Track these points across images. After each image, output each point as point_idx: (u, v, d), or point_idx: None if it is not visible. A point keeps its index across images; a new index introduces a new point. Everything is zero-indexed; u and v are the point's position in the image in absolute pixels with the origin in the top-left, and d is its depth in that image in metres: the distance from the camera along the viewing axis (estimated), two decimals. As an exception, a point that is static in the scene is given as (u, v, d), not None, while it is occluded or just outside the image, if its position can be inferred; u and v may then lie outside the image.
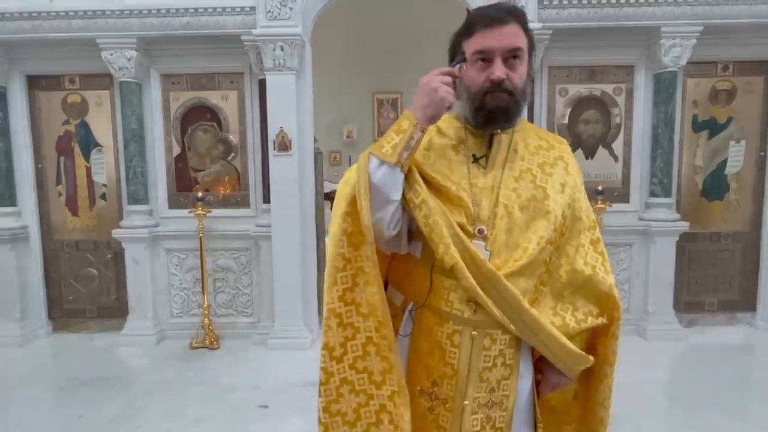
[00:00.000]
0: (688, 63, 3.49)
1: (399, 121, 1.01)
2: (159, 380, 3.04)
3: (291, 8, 3.30)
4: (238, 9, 3.38)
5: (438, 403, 1.08)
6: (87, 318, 3.93)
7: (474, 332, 1.04)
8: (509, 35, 1.01)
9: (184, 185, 3.79)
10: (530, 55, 1.08)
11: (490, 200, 1.05)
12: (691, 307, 3.83)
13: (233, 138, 3.76)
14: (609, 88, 3.68)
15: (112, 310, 3.88)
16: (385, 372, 1.05)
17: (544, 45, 3.46)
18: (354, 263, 1.04)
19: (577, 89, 3.69)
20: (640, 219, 3.68)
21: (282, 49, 3.30)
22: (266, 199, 3.58)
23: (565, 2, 3.35)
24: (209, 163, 3.79)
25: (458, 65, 1.04)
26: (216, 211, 3.67)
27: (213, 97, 3.72)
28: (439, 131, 1.13)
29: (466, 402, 1.05)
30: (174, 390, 2.90)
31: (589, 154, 3.74)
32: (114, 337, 3.70)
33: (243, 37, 3.38)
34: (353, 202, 1.01)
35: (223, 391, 2.87)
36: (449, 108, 0.99)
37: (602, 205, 3.46)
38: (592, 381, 1.16)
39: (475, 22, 1.03)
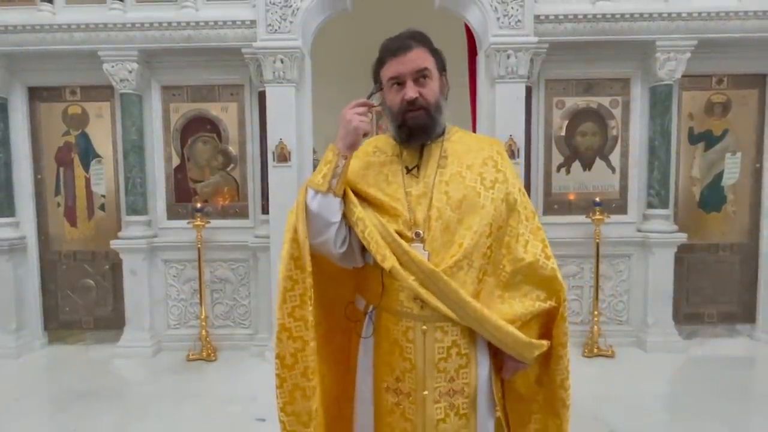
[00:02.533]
0: (683, 76, 3.53)
1: (325, 153, 1.15)
2: (155, 392, 3.01)
3: (291, 22, 3.34)
4: (239, 22, 3.42)
5: (403, 397, 1.18)
6: (83, 329, 3.90)
7: (424, 327, 1.15)
8: (414, 59, 1.15)
9: (183, 196, 3.80)
10: (441, 71, 1.21)
11: (424, 205, 1.17)
12: (690, 319, 3.83)
13: (233, 149, 3.77)
14: (605, 101, 3.72)
15: (109, 321, 3.85)
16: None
17: (540, 59, 3.50)
18: (301, 284, 1.16)
19: (573, 102, 3.73)
20: (638, 230, 3.69)
21: (282, 62, 3.34)
22: (265, 210, 3.59)
23: (561, 17, 3.40)
24: (208, 174, 3.80)
25: (372, 95, 1.19)
26: (215, 222, 3.67)
27: (213, 109, 3.75)
28: (376, 151, 1.27)
29: (425, 392, 1.16)
30: (170, 402, 2.87)
31: (587, 166, 3.76)
32: (110, 349, 3.67)
33: (243, 50, 3.42)
34: (296, 229, 1.15)
35: (220, 403, 2.84)
36: (366, 135, 1.14)
37: (600, 217, 3.47)
38: (549, 363, 1.23)
39: (384, 53, 1.18)
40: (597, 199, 3.52)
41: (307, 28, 3.48)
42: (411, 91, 1.14)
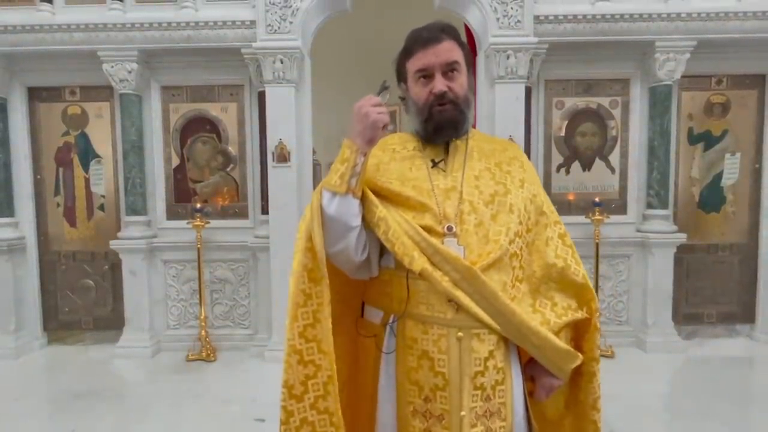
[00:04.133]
0: (682, 77, 3.54)
1: (341, 150, 1.04)
2: (154, 393, 3.00)
3: (291, 22, 3.34)
4: (239, 23, 3.42)
5: (434, 421, 1.02)
6: (83, 330, 3.90)
7: (460, 333, 1.01)
8: (445, 51, 1.08)
9: (182, 196, 3.79)
10: (468, 67, 1.14)
11: (454, 199, 1.08)
12: (690, 319, 3.83)
13: (232, 149, 3.77)
14: (605, 101, 3.72)
15: (108, 321, 3.85)
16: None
17: (540, 59, 3.50)
18: (315, 299, 1.04)
19: (573, 102, 3.73)
20: (638, 231, 3.69)
21: (282, 62, 3.34)
22: (264, 211, 3.59)
23: (560, 17, 3.40)
24: (208, 175, 3.80)
25: (382, 92, 1.07)
26: (214, 222, 3.67)
27: (213, 109, 3.74)
28: (396, 146, 1.19)
29: (462, 413, 1.00)
30: (170, 403, 2.87)
31: (586, 166, 3.76)
32: (109, 349, 3.67)
33: (243, 50, 3.41)
34: (311, 237, 1.03)
35: (219, 404, 2.84)
36: (385, 128, 1.02)
37: (600, 217, 3.48)
38: (580, 382, 1.15)
39: (413, 44, 1.11)
40: (596, 200, 3.52)
41: (307, 28, 3.48)
42: (440, 84, 1.07)
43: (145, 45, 3.46)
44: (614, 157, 3.76)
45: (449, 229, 1.04)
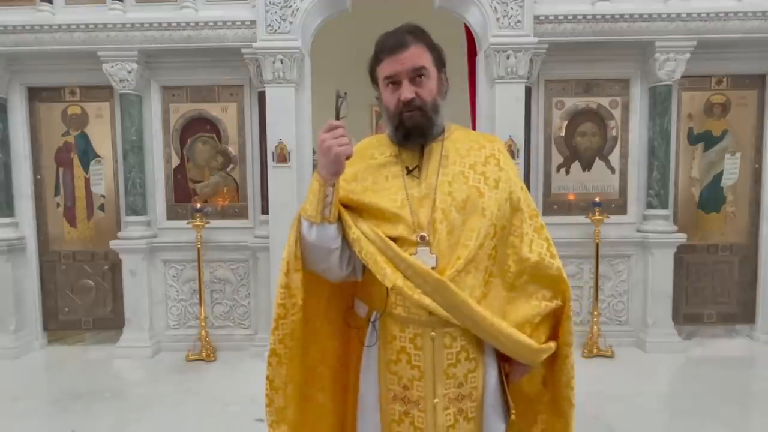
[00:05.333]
0: (682, 77, 3.54)
1: (311, 182, 1.09)
2: (154, 393, 3.01)
3: (291, 22, 3.34)
4: (239, 23, 3.42)
5: (411, 405, 1.14)
6: (83, 330, 3.90)
7: (433, 333, 1.11)
8: (411, 57, 1.09)
9: (182, 196, 3.79)
10: (440, 68, 1.16)
11: (427, 207, 1.12)
12: (690, 319, 3.83)
13: (232, 149, 3.77)
14: (605, 101, 3.72)
15: (108, 321, 3.85)
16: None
17: (540, 59, 3.51)
18: (290, 315, 1.15)
19: (573, 102, 3.73)
20: (638, 230, 3.69)
21: (281, 62, 3.34)
22: (264, 211, 3.59)
23: (560, 17, 3.40)
24: (208, 175, 3.80)
25: (340, 108, 1.07)
26: (214, 222, 3.67)
27: (213, 109, 3.75)
28: (374, 151, 1.22)
29: (436, 400, 1.12)
30: (169, 403, 2.87)
31: (586, 166, 3.76)
32: (109, 349, 3.67)
33: (243, 51, 3.42)
34: (288, 265, 1.13)
35: (219, 404, 2.84)
36: (349, 157, 1.04)
37: (600, 217, 3.48)
38: (555, 364, 1.21)
39: (380, 50, 1.13)
40: (596, 200, 3.53)
41: (307, 28, 3.48)
42: (407, 92, 1.10)
43: (145, 45, 3.46)
44: (614, 157, 3.76)
45: (422, 238, 1.10)
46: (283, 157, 3.42)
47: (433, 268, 1.07)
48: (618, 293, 3.75)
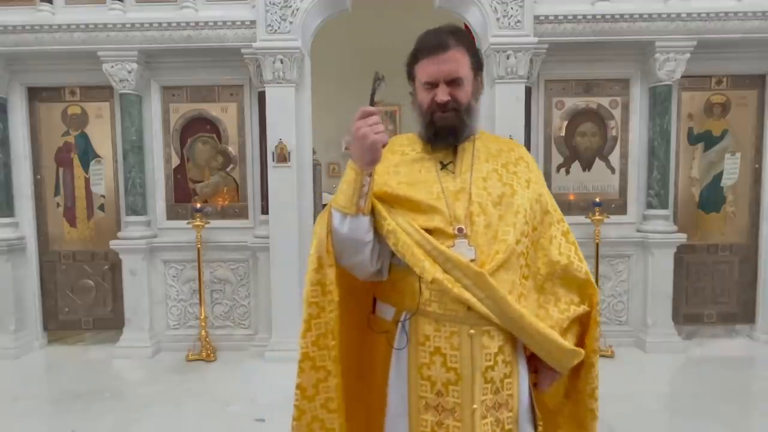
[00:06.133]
0: (682, 77, 3.54)
1: (346, 172, 1.05)
2: (154, 393, 3.00)
3: (291, 22, 3.34)
4: (239, 23, 3.42)
5: (446, 414, 1.06)
6: (83, 330, 3.90)
7: (471, 330, 1.05)
8: (450, 61, 1.08)
9: (182, 196, 3.79)
10: (478, 71, 1.15)
11: (463, 201, 1.10)
12: (690, 319, 3.83)
13: (232, 149, 3.77)
14: (605, 101, 3.72)
15: (108, 321, 3.85)
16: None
17: (540, 59, 3.51)
18: (327, 312, 1.09)
19: (573, 102, 3.73)
20: (638, 231, 3.69)
21: (281, 62, 3.34)
22: (264, 211, 3.59)
23: (560, 17, 3.40)
24: (208, 175, 3.80)
25: (374, 95, 1.04)
26: (214, 222, 3.67)
27: (213, 109, 3.74)
28: (404, 153, 1.20)
29: (474, 406, 1.04)
30: (169, 403, 2.87)
31: (586, 166, 3.76)
32: (109, 350, 3.67)
33: (243, 51, 3.42)
34: (321, 258, 1.07)
35: (219, 404, 2.84)
36: (385, 145, 1.01)
37: (600, 217, 3.48)
38: (580, 372, 1.19)
39: (420, 50, 1.12)
40: (597, 200, 3.52)
41: (307, 28, 3.48)
42: (442, 94, 1.09)
43: (145, 45, 3.46)
44: (614, 157, 3.76)
45: (460, 230, 1.07)
46: (283, 157, 3.42)
47: (471, 261, 1.04)
48: (618, 293, 3.75)
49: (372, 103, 1.02)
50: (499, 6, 3.32)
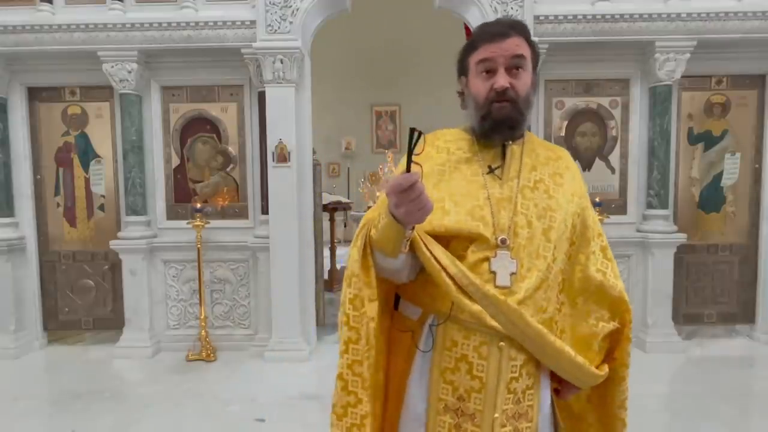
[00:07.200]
0: (682, 77, 3.54)
1: (382, 220, 0.94)
2: (154, 393, 3.00)
3: (291, 22, 3.35)
4: (239, 23, 3.42)
5: (465, 419, 1.05)
6: (83, 330, 3.90)
7: (501, 342, 1.03)
8: (511, 45, 1.04)
9: (182, 196, 3.79)
10: (534, 66, 1.10)
11: (508, 210, 1.06)
12: (690, 319, 3.83)
13: (232, 149, 3.77)
14: (605, 101, 3.72)
15: (108, 321, 3.85)
16: None
17: (540, 59, 3.50)
18: (365, 345, 1.05)
19: (573, 102, 3.73)
20: (638, 230, 3.69)
21: (281, 62, 3.34)
22: (264, 211, 3.59)
23: (560, 17, 3.40)
24: (208, 175, 3.80)
25: (415, 145, 0.84)
26: (214, 222, 3.67)
27: (213, 109, 3.75)
28: (449, 151, 1.13)
29: (496, 415, 1.04)
30: (170, 403, 2.87)
31: (586, 166, 3.76)
32: (109, 349, 3.67)
33: (243, 51, 3.42)
34: (359, 293, 1.02)
35: (219, 404, 2.84)
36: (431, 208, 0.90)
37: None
38: (610, 385, 1.18)
39: (479, 38, 1.07)
40: (596, 200, 3.51)
41: (307, 28, 3.48)
42: (502, 79, 1.02)
43: (145, 45, 3.46)
44: (614, 157, 3.76)
45: (503, 241, 1.03)
46: (283, 157, 3.42)
47: (512, 274, 1.02)
48: (618, 293, 3.74)
49: (409, 161, 0.85)
50: (499, 6, 3.32)
